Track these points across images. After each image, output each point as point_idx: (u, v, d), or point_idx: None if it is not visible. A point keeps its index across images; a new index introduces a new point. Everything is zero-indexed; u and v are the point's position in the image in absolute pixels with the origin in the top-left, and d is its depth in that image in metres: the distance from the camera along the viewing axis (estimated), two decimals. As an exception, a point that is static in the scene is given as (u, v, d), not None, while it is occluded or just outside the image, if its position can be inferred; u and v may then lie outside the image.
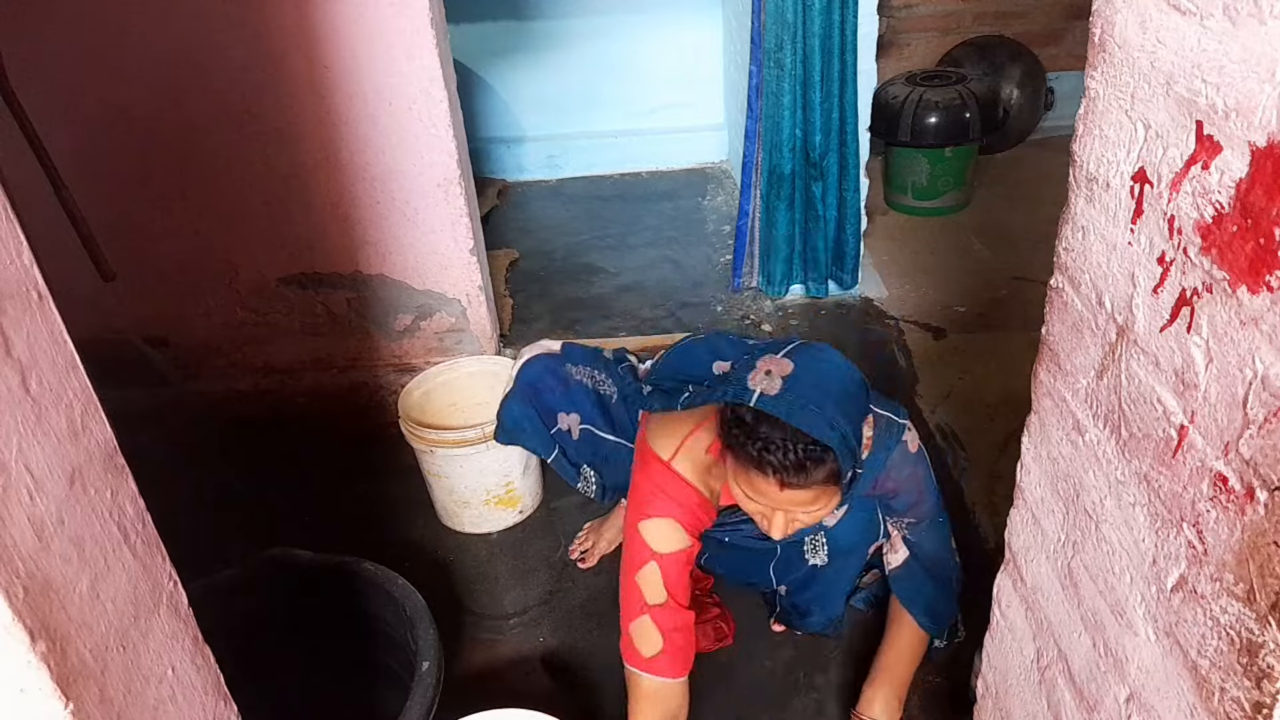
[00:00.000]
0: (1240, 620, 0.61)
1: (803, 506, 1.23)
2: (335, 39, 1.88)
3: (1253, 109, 0.55)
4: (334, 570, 1.51)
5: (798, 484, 1.18)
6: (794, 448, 1.15)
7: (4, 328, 0.53)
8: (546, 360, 1.73)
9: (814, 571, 1.60)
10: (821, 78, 2.33)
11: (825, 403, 1.16)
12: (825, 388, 1.18)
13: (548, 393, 1.69)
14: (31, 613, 0.53)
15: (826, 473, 1.17)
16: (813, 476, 1.17)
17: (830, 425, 1.15)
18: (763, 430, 1.17)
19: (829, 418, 1.15)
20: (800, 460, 1.15)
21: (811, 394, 1.16)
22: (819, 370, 1.21)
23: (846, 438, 1.16)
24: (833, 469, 1.17)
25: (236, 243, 2.14)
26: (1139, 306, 0.71)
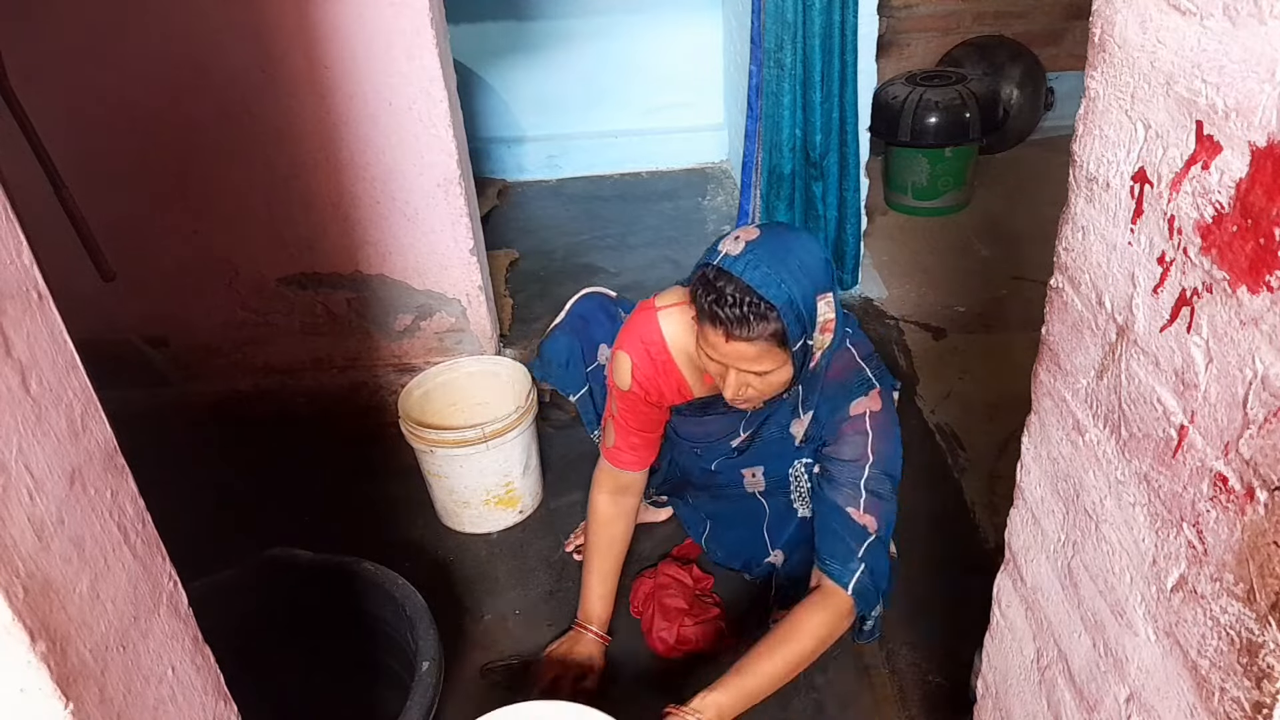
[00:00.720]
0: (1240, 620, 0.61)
1: (750, 363, 1.30)
2: (335, 39, 1.88)
3: (1253, 109, 0.55)
4: (334, 570, 1.51)
5: (741, 336, 1.26)
6: (741, 300, 1.24)
7: (4, 328, 0.53)
8: (600, 298, 1.84)
9: (804, 525, 1.62)
10: (822, 78, 2.33)
11: (778, 266, 1.26)
12: (782, 255, 1.28)
13: (596, 325, 1.78)
14: (31, 613, 0.53)
15: (770, 330, 1.26)
16: (755, 330, 1.25)
17: (778, 284, 1.24)
18: (718, 284, 1.26)
19: (779, 278, 1.25)
20: (744, 314, 1.24)
21: (767, 257, 1.26)
22: (782, 240, 1.31)
23: (794, 300, 1.25)
24: (777, 328, 1.26)
25: (236, 243, 2.14)
26: (1139, 306, 0.71)
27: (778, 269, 1.26)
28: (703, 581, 1.75)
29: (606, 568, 1.65)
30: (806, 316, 1.28)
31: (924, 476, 2.01)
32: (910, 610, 1.70)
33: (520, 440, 1.90)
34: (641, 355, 1.52)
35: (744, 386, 1.35)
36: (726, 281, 1.26)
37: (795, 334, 1.27)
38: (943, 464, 2.05)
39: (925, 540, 1.84)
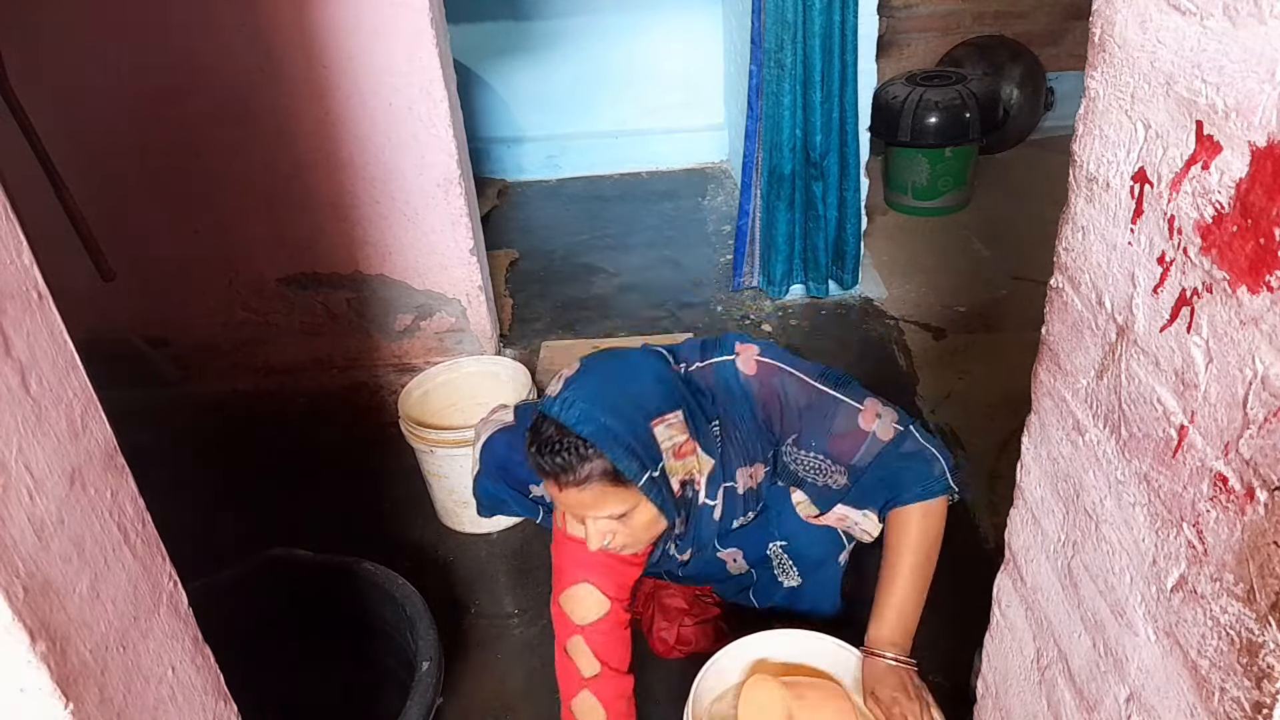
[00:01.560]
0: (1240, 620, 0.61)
1: (592, 508, 1.20)
2: (335, 39, 1.88)
3: (1253, 109, 0.55)
4: (334, 570, 1.51)
5: (569, 482, 1.16)
6: (559, 445, 1.15)
7: (4, 327, 0.53)
8: (505, 436, 1.64)
9: (794, 593, 1.58)
10: (822, 78, 2.33)
11: (594, 401, 1.17)
12: (599, 387, 1.19)
13: (516, 467, 1.60)
14: (31, 612, 0.53)
15: (598, 469, 1.16)
16: (580, 473, 1.16)
17: (595, 420, 1.15)
18: (541, 431, 1.18)
19: (594, 414, 1.15)
20: (565, 460, 1.15)
21: (582, 393, 1.18)
22: (602, 371, 1.23)
23: (615, 434, 1.15)
24: (604, 466, 1.15)
25: (236, 243, 2.14)
26: (1139, 306, 0.71)
27: (593, 404, 1.17)
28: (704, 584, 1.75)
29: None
30: (640, 447, 1.18)
31: (924, 476, 2.01)
32: (910, 610, 1.70)
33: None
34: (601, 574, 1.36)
35: (607, 535, 1.24)
36: (546, 426, 1.18)
37: (632, 469, 1.17)
38: (943, 464, 2.05)
39: (925, 540, 1.84)
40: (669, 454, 1.23)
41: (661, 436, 1.22)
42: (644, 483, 1.19)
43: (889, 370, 2.38)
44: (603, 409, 1.17)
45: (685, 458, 1.26)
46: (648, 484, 1.19)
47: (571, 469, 1.16)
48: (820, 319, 2.61)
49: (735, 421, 1.34)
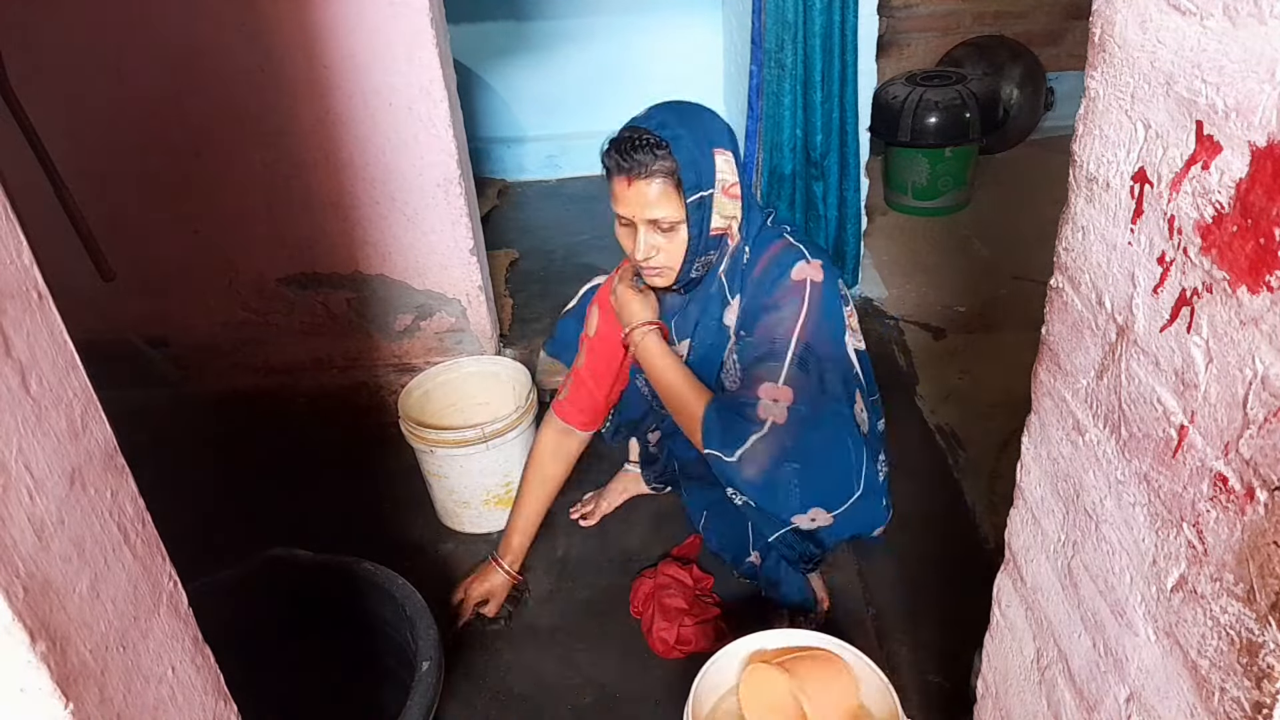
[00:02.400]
0: (1240, 620, 0.61)
1: (650, 207, 1.38)
2: (335, 39, 1.88)
3: (1253, 109, 0.55)
4: (334, 570, 1.51)
5: (639, 175, 1.37)
6: (637, 143, 1.36)
7: (4, 327, 0.53)
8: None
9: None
10: (822, 78, 2.33)
11: (673, 116, 1.38)
12: (678, 109, 1.41)
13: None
14: (31, 613, 0.53)
15: (665, 167, 1.36)
16: (650, 168, 1.35)
17: (672, 129, 1.36)
18: (622, 137, 1.39)
19: (673, 124, 1.36)
20: (640, 156, 1.36)
21: (663, 110, 1.40)
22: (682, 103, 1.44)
23: (685, 142, 1.35)
24: (670, 165, 1.35)
25: (236, 243, 2.14)
26: (1139, 306, 0.71)
27: (672, 118, 1.38)
28: (702, 581, 1.75)
29: (533, 506, 1.77)
30: (702, 163, 1.36)
31: (924, 476, 2.01)
32: (910, 610, 1.70)
33: (520, 440, 1.91)
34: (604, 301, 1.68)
35: (654, 249, 1.43)
36: (629, 133, 1.38)
37: (690, 180, 1.36)
38: (943, 464, 2.05)
39: (925, 540, 1.84)
40: (720, 187, 1.40)
41: (720, 165, 1.39)
42: (692, 201, 1.37)
43: (889, 370, 2.38)
44: (678, 123, 1.37)
45: (733, 199, 1.43)
46: (695, 204, 1.38)
47: (644, 164, 1.36)
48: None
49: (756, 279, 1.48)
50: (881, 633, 1.67)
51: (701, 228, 1.40)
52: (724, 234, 1.46)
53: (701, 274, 1.51)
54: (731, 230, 1.47)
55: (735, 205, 1.44)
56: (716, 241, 1.46)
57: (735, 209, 1.44)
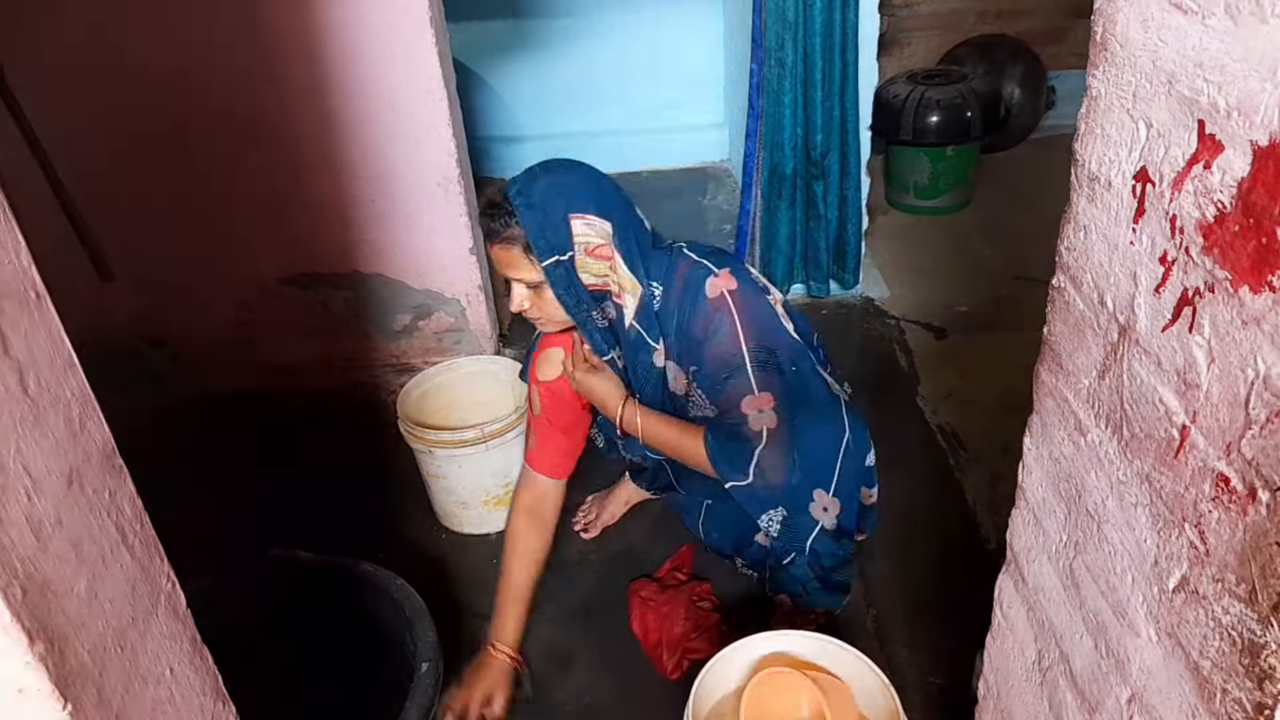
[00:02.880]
0: (1242, 621, 0.61)
1: (508, 269, 1.45)
2: (335, 39, 1.88)
3: (1255, 108, 0.55)
4: (333, 571, 1.51)
5: (492, 240, 1.42)
6: (490, 204, 1.42)
7: (2, 327, 0.53)
8: None
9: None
10: (823, 76, 2.33)
11: (531, 182, 1.41)
12: (539, 174, 1.44)
13: None
14: (30, 613, 0.53)
15: (511, 234, 1.40)
16: (498, 231, 1.41)
17: (524, 196, 1.39)
18: (492, 198, 1.44)
19: (527, 191, 1.39)
20: (494, 224, 1.41)
21: (526, 176, 1.43)
22: (551, 165, 1.47)
23: (534, 212, 1.38)
24: (516, 233, 1.39)
25: (236, 242, 2.14)
26: (1141, 306, 0.71)
27: (529, 185, 1.41)
28: (700, 588, 1.75)
29: (521, 585, 1.64)
30: (550, 230, 1.39)
31: (925, 476, 2.01)
32: (910, 611, 1.70)
33: (520, 441, 1.90)
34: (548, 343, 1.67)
35: (524, 300, 1.47)
36: (489, 198, 1.44)
37: (541, 246, 1.39)
38: (944, 464, 2.05)
39: (926, 540, 1.84)
40: (580, 248, 1.42)
41: (578, 230, 1.42)
42: (548, 264, 1.40)
43: (890, 370, 2.38)
44: (534, 190, 1.40)
45: (600, 259, 1.44)
46: (551, 267, 1.40)
47: (496, 232, 1.41)
48: (821, 319, 2.61)
49: (675, 311, 1.49)
50: (882, 633, 1.66)
51: (569, 287, 1.43)
52: (603, 289, 1.48)
53: (605, 325, 1.53)
54: (610, 286, 1.48)
55: (604, 265, 1.45)
56: (599, 296, 1.49)
57: (605, 269, 1.45)
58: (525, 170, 1.45)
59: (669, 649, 1.63)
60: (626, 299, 1.50)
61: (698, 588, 1.74)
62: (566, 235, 1.41)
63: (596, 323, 1.51)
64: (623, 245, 1.46)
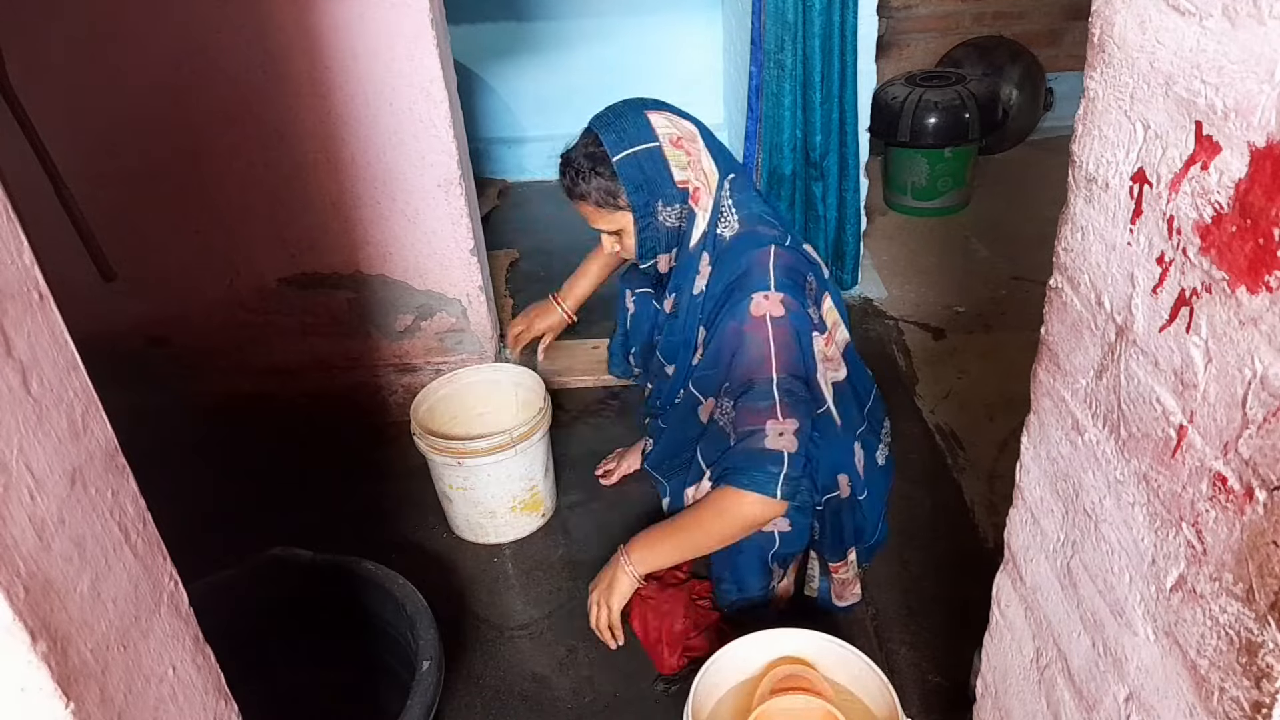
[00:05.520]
0: (1239, 620, 0.61)
1: (591, 222, 1.54)
2: (335, 39, 1.88)
3: (1252, 109, 0.55)
4: (335, 569, 1.52)
5: (573, 198, 1.51)
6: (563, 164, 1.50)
7: (5, 328, 0.53)
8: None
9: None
10: (822, 78, 2.33)
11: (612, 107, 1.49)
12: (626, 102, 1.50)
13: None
14: (32, 612, 0.53)
15: (583, 192, 1.47)
16: (572, 190, 1.49)
17: (600, 116, 1.47)
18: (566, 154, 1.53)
19: (605, 113, 1.48)
20: (562, 176, 1.50)
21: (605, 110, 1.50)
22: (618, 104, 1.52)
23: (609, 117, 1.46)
24: (587, 190, 1.46)
25: (237, 243, 2.14)
26: (1138, 306, 0.71)
27: (608, 110, 1.49)
28: (700, 586, 1.75)
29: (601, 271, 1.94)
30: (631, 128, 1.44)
31: (923, 476, 2.01)
32: (909, 610, 1.70)
33: (544, 441, 1.89)
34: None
35: (613, 244, 1.57)
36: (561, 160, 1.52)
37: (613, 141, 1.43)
38: (942, 464, 2.06)
39: (925, 540, 1.85)
40: (665, 139, 1.46)
41: (657, 122, 1.47)
42: (621, 157, 1.43)
43: (888, 370, 2.38)
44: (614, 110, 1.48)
45: (682, 151, 1.47)
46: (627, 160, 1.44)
47: (567, 189, 1.51)
48: (820, 319, 2.61)
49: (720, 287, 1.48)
50: (881, 632, 1.67)
51: (641, 186, 1.45)
52: (684, 186, 1.48)
53: (674, 226, 1.52)
54: (690, 184, 1.48)
55: (685, 158, 1.47)
56: (681, 196, 1.48)
57: (686, 162, 1.47)
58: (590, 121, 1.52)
59: (669, 647, 1.63)
60: (704, 200, 1.49)
61: (698, 586, 1.74)
62: (647, 127, 1.45)
63: (664, 224, 1.50)
64: (710, 146, 1.50)
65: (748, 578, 1.58)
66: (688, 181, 1.48)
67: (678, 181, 1.47)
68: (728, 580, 1.61)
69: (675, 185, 1.47)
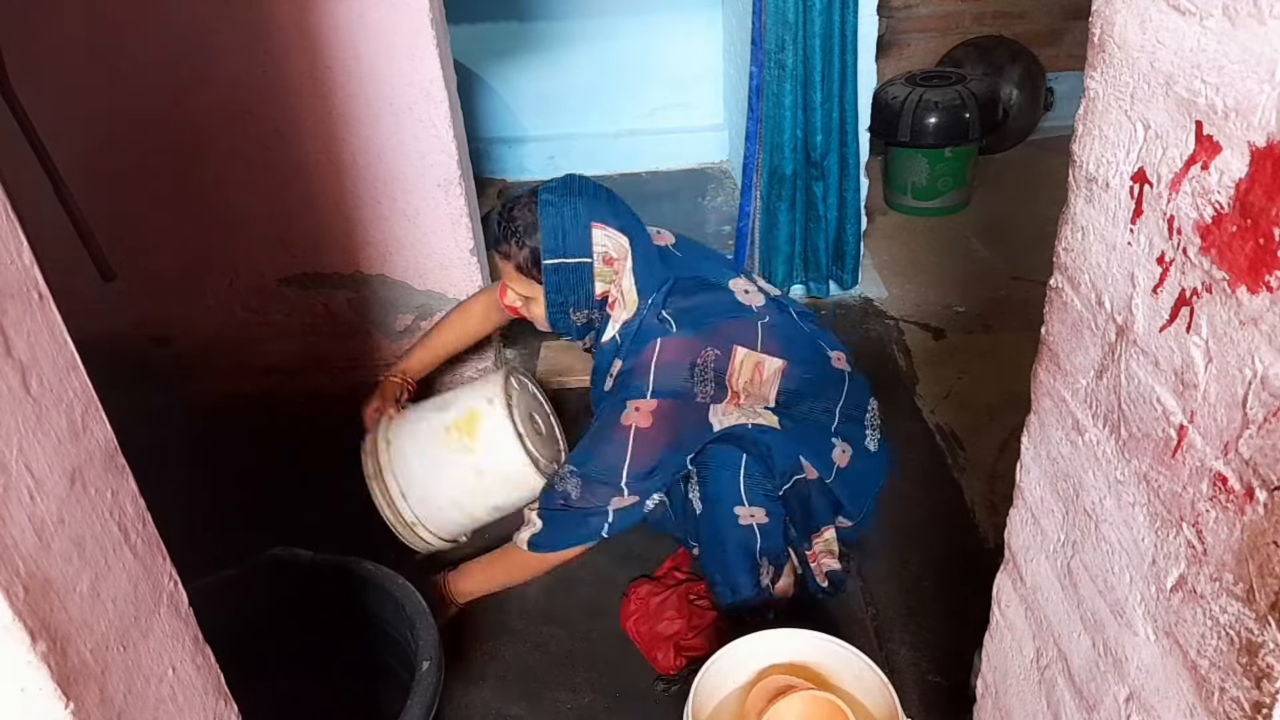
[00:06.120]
0: (1240, 620, 0.61)
1: (505, 279, 1.57)
2: (336, 39, 1.88)
3: (1252, 109, 0.55)
4: (335, 569, 1.51)
5: (494, 248, 1.53)
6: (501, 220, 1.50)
7: (5, 328, 0.53)
8: None
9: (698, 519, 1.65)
10: (822, 78, 2.33)
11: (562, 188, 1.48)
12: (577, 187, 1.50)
13: None
14: (32, 612, 0.53)
15: (509, 252, 1.49)
16: (499, 246, 1.51)
17: (551, 191, 1.46)
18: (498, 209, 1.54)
19: (555, 191, 1.47)
20: (496, 227, 1.51)
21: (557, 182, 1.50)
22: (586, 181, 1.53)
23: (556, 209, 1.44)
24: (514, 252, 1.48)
25: (237, 243, 2.14)
26: (1138, 306, 0.71)
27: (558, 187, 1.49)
28: (696, 587, 1.75)
29: (446, 345, 1.85)
30: (572, 232, 1.45)
31: (923, 476, 2.01)
32: (909, 610, 1.70)
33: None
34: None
35: (518, 301, 1.59)
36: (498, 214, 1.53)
37: (551, 246, 1.45)
38: (942, 464, 2.06)
39: (925, 540, 1.84)
40: (599, 256, 1.49)
41: (597, 238, 1.48)
42: (551, 264, 1.46)
43: (888, 370, 2.38)
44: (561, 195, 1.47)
45: (612, 265, 1.51)
46: (553, 269, 1.47)
47: (497, 241, 1.52)
48: (820, 319, 2.61)
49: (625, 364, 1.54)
50: (881, 632, 1.67)
51: (561, 289, 1.50)
52: (602, 296, 1.54)
53: (584, 324, 1.58)
54: (610, 294, 1.54)
55: (611, 274, 1.52)
56: (598, 305, 1.55)
57: (611, 277, 1.52)
58: (557, 178, 1.52)
59: (661, 647, 1.63)
60: (619, 312, 1.55)
61: (695, 587, 1.74)
62: (585, 241, 1.47)
63: (575, 322, 1.57)
64: (639, 264, 1.53)
65: (738, 577, 1.58)
66: (607, 293, 1.54)
67: (598, 293, 1.53)
68: (720, 583, 1.61)
69: (594, 297, 1.53)
